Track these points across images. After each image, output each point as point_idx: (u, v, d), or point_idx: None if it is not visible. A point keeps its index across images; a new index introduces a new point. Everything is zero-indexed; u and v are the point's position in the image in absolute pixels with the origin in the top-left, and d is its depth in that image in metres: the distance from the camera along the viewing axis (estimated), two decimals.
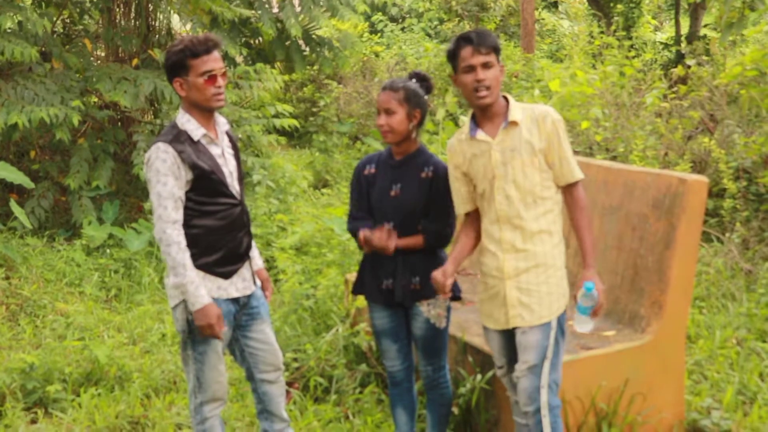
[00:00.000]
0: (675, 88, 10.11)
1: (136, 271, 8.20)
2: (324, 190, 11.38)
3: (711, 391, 5.33)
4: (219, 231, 4.15)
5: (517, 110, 4.01)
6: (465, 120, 10.38)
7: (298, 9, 13.24)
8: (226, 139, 4.31)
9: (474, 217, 4.21)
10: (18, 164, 9.43)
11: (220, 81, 4.10)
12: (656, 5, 23.82)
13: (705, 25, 16.87)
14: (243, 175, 4.40)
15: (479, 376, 4.86)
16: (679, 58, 13.70)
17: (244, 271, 4.31)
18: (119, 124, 10.34)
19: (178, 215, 4.03)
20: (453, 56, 4.03)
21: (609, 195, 5.35)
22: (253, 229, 4.50)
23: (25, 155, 9.90)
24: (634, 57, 11.33)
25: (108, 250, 8.50)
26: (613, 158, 8.53)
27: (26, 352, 6.34)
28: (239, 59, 12.58)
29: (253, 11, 12.42)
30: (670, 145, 8.62)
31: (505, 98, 4.08)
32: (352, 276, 6.10)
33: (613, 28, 13.48)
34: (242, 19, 12.41)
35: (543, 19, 25.64)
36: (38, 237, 8.62)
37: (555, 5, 21.35)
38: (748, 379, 5.37)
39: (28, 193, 9.10)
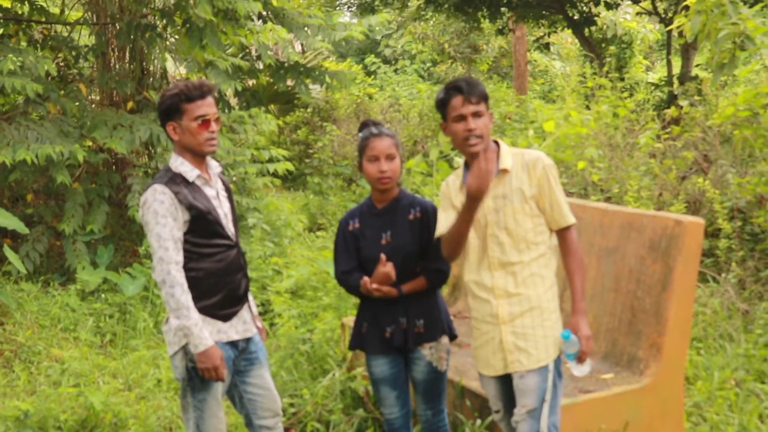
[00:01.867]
0: (668, 129, 10.16)
1: (131, 315, 8.16)
2: (319, 233, 11.37)
3: None
4: (217, 273, 4.14)
5: (507, 157, 4.01)
6: (460, 162, 10.34)
7: (297, 44, 13.39)
8: (219, 182, 4.34)
9: None
10: (12, 209, 9.41)
11: (214, 126, 4.13)
12: (647, 46, 24.00)
13: (696, 65, 16.98)
14: (237, 218, 4.41)
15: (479, 422, 4.83)
16: (672, 98, 13.77)
17: (244, 314, 4.30)
18: (114, 167, 10.35)
19: (180, 257, 4.03)
20: (443, 105, 4.04)
21: (605, 237, 5.36)
22: (249, 273, 4.50)
23: (20, 200, 9.89)
24: (626, 98, 11.39)
25: (103, 295, 8.47)
26: (608, 199, 8.55)
27: (21, 399, 6.30)
28: (234, 102, 12.63)
29: (246, 62, 12.49)
30: (665, 186, 8.64)
31: (497, 143, 4.08)
32: (348, 320, 6.08)
33: (605, 69, 13.56)
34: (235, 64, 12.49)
35: (535, 60, 25.86)
36: (33, 282, 8.58)
37: (547, 46, 21.51)
38: (747, 421, 5.33)
39: (22, 238, 9.08)
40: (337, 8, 23.32)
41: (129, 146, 8.87)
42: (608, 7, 16.51)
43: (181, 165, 4.15)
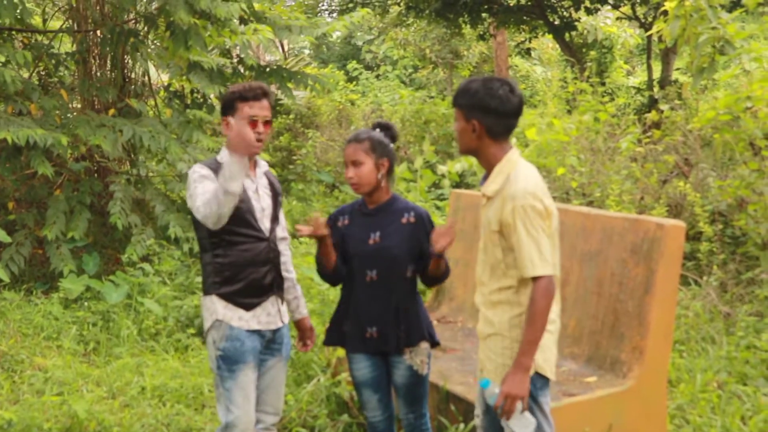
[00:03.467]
0: (649, 133, 10.21)
1: (114, 323, 8.13)
2: (302, 239, 11.34)
3: None
4: (242, 263, 4.29)
5: (494, 182, 3.80)
6: (443, 169, 10.27)
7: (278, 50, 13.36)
8: (264, 180, 4.50)
9: None
10: None
11: (261, 128, 4.30)
12: (628, 50, 24.11)
13: (677, 69, 17.07)
14: (277, 216, 4.54)
15: (462, 426, 4.84)
16: (652, 102, 13.84)
17: (269, 306, 4.40)
18: (96, 175, 10.32)
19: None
20: None
21: (587, 241, 5.38)
22: None
23: (1, 209, 9.84)
24: (607, 102, 11.44)
25: (86, 303, 8.44)
26: (590, 203, 8.59)
27: (4, 408, 6.26)
28: (218, 106, 12.61)
29: (229, 60, 12.48)
30: (646, 190, 8.68)
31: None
32: None
33: (586, 73, 13.61)
34: (219, 66, 12.47)
35: (516, 65, 25.90)
36: (15, 291, 8.55)
37: (528, 51, 21.57)
38: (730, 423, 5.37)
39: (4, 246, 9.03)
40: (319, 14, 23.34)
41: (113, 145, 8.82)
42: (588, 12, 16.58)
43: (226, 157, 4.30)
